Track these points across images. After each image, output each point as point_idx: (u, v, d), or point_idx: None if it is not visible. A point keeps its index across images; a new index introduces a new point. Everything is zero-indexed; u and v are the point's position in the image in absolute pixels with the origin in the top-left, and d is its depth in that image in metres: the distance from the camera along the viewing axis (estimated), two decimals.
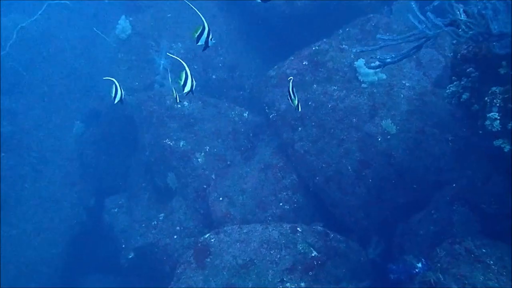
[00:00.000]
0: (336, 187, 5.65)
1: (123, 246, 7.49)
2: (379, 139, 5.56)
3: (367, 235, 5.59)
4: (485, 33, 2.72)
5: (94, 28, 9.23)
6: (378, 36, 3.58)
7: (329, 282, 4.59)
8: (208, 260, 4.86)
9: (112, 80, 4.35)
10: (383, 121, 5.57)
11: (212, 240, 5.04)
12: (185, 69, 3.65)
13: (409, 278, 3.75)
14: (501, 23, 2.54)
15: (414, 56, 6.88)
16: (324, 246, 4.81)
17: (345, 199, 5.62)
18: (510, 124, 2.86)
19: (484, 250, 3.45)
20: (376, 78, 5.90)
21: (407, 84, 6.04)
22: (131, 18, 8.30)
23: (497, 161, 4.50)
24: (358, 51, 4.09)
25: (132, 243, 7.19)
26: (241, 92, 8.45)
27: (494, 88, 2.98)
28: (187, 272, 4.87)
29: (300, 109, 3.96)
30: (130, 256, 7.06)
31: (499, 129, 2.93)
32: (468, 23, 2.77)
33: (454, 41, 3.43)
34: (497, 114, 2.93)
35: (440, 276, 3.41)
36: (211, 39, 3.67)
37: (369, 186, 5.53)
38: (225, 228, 5.15)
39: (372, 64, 4.09)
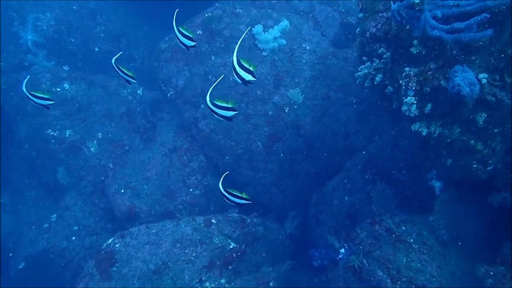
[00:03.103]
0: (247, 165, 5.34)
1: (11, 254, 6.49)
2: (287, 110, 5.30)
3: (284, 211, 5.44)
4: None
5: None
6: None
7: (249, 271, 4.35)
8: (114, 269, 4.30)
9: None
10: (288, 91, 5.29)
11: (117, 245, 4.46)
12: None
13: (333, 263, 3.65)
14: None
15: (311, 15, 6.66)
16: (241, 234, 4.52)
17: (257, 176, 5.35)
18: (427, 108, 2.69)
19: (403, 228, 3.42)
20: (276, 45, 5.55)
21: (307, 48, 5.79)
22: None
23: (402, 126, 4.52)
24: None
25: (22, 250, 6.24)
26: (131, 64, 7.55)
27: (407, 69, 2.77)
28: (90, 287, 4.26)
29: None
30: (21, 266, 6.13)
31: (417, 113, 2.77)
32: None
33: (360, 15, 3.14)
34: (413, 98, 2.75)
35: (364, 261, 3.33)
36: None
37: (280, 160, 5.31)
38: (131, 230, 4.58)
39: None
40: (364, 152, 4.84)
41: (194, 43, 3.44)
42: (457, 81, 2.37)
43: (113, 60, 3.82)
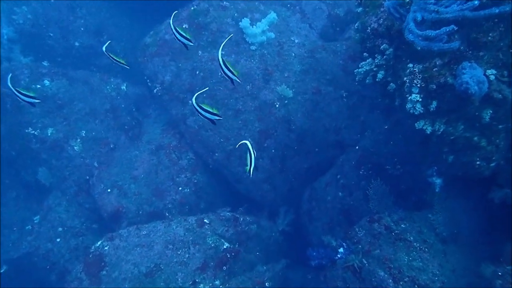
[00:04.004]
0: (238, 162, 5.23)
1: None
2: (277, 106, 5.19)
3: (277, 207, 5.35)
4: None
5: None
6: None
7: (244, 270, 4.26)
8: (104, 273, 4.14)
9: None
10: (278, 87, 5.18)
11: (106, 248, 4.30)
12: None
13: (331, 263, 3.58)
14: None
15: (298, 7, 6.54)
16: (235, 233, 4.41)
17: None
18: (432, 106, 2.62)
19: (403, 226, 3.37)
20: (265, 38, 5.41)
21: (296, 41, 5.68)
22: None
23: (396, 120, 4.47)
24: None
25: (3, 253, 6.00)
26: None
27: (411, 66, 2.69)
28: None
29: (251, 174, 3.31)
30: (3, 270, 5.89)
31: (422, 111, 2.69)
32: None
33: (359, 9, 3.04)
34: (418, 96, 2.67)
35: (364, 261, 3.27)
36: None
37: (272, 156, 5.21)
38: (120, 232, 4.42)
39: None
40: (357, 147, 4.78)
41: (192, 43, 3.60)
42: (465, 78, 2.30)
43: (104, 48, 3.92)
